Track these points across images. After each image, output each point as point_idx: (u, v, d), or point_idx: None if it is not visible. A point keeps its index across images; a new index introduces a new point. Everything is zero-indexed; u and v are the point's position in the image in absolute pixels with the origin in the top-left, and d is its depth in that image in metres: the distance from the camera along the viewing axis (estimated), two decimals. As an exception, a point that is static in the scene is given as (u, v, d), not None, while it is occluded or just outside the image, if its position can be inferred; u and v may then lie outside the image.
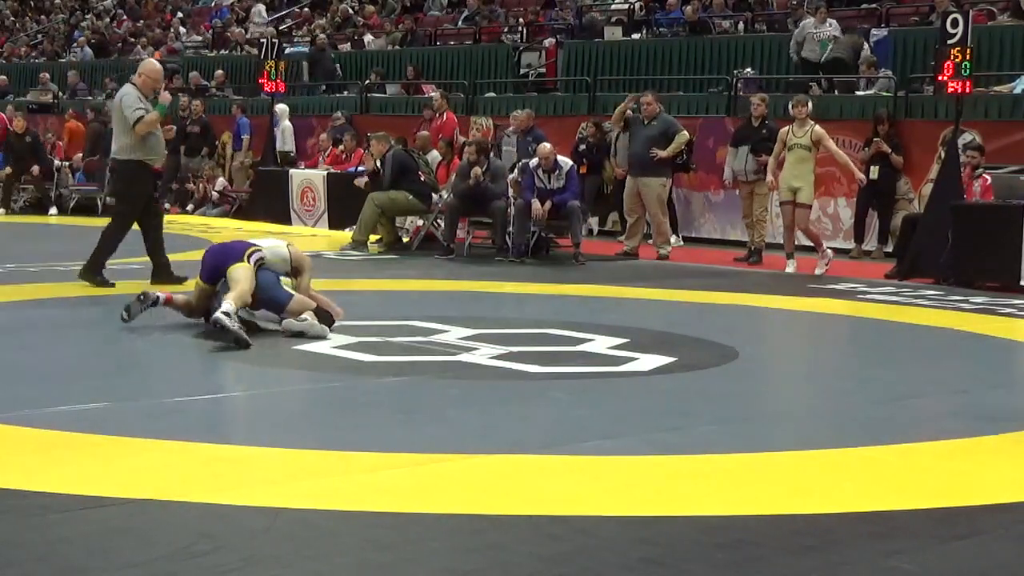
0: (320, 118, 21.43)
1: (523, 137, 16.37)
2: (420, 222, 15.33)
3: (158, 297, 8.57)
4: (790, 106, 13.88)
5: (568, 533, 4.37)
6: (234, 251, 8.57)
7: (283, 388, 7.03)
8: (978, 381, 7.82)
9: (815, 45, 17.43)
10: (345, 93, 22.67)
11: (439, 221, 14.83)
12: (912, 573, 4.11)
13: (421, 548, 4.18)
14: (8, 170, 20.13)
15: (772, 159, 13.62)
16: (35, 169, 19.99)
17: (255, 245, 8.63)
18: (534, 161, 14.27)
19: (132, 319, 8.44)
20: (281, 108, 21.38)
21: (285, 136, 20.82)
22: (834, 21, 17.62)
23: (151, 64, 10.94)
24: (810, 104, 13.78)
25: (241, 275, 8.32)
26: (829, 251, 13.49)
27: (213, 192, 20.27)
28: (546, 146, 14.33)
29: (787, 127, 13.55)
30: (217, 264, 8.55)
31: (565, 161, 14.40)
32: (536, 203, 13.90)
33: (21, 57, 32.31)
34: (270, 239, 9.08)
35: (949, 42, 12.79)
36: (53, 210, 19.88)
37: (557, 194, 13.97)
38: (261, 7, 29.07)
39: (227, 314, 7.85)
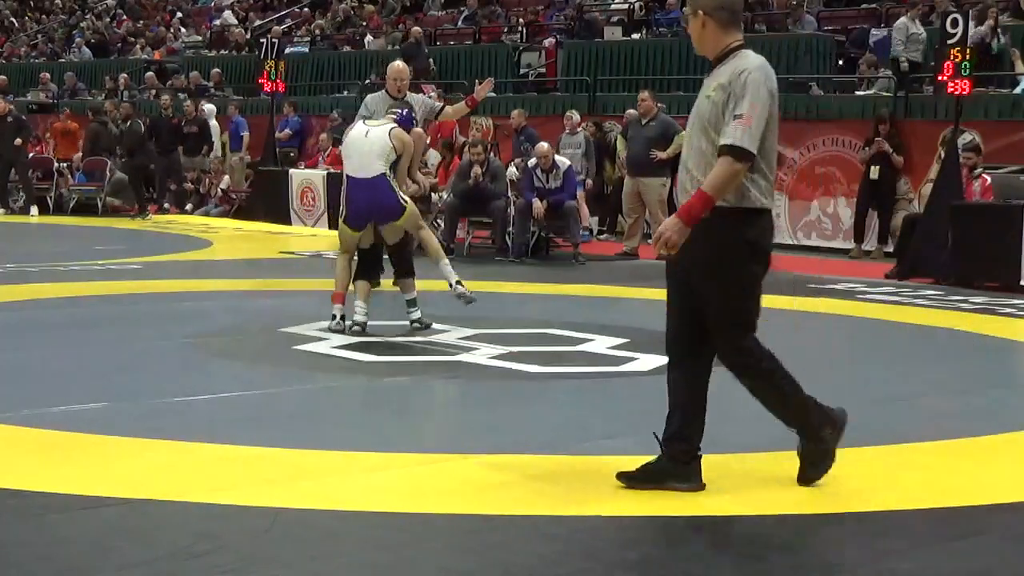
0: (320, 118, 21.40)
1: (515, 136, 16.36)
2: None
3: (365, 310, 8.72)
4: None
5: (568, 533, 4.37)
6: (383, 201, 8.72)
7: (283, 388, 7.03)
8: (978, 381, 7.82)
9: (918, 45, 17.20)
10: (345, 93, 22.63)
11: (439, 221, 14.83)
12: (911, 573, 4.11)
13: (421, 548, 4.19)
14: None
15: None
16: (18, 140, 19.22)
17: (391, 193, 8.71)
18: (532, 160, 14.27)
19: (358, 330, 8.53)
20: (208, 108, 21.20)
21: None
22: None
23: (393, 65, 10.69)
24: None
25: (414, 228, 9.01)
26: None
27: (219, 189, 20.19)
28: (544, 145, 14.33)
29: None
30: (370, 213, 8.80)
31: (563, 161, 14.40)
32: (536, 202, 13.90)
33: (21, 57, 32.28)
34: (375, 136, 8.77)
35: (949, 42, 12.79)
36: (34, 210, 19.29)
37: (554, 193, 13.97)
38: (228, 13, 29.25)
39: (458, 282, 8.81)
